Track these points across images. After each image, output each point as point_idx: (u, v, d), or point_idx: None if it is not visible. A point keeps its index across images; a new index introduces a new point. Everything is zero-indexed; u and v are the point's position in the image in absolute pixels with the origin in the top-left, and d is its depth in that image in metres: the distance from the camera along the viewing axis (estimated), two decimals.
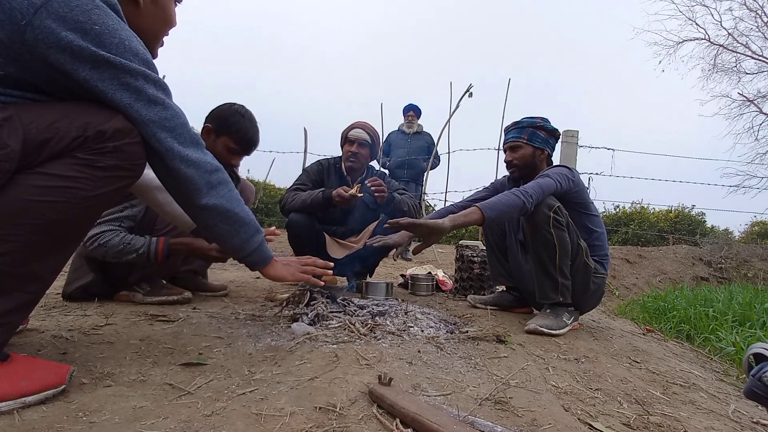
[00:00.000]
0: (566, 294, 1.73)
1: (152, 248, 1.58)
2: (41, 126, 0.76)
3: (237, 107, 1.82)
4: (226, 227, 1.06)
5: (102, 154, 0.80)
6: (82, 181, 0.79)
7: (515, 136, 2.00)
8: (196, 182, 0.96)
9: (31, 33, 0.73)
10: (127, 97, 0.83)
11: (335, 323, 1.46)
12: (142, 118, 0.85)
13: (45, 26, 0.73)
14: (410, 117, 5.11)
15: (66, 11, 0.74)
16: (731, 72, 11.87)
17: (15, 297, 0.79)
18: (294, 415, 0.81)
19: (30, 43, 0.73)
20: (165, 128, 0.89)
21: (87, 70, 0.78)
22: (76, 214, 0.81)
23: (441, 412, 0.83)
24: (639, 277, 5.09)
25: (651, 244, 9.53)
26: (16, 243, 0.76)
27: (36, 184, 0.76)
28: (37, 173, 0.77)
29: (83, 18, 0.76)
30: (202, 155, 0.97)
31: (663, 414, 1.03)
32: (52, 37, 0.74)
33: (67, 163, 0.78)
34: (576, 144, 3.76)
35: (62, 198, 0.78)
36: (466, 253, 2.47)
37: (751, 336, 2.16)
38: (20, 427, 0.72)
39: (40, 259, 0.80)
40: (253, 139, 1.84)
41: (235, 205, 1.05)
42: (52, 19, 0.74)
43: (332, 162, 2.53)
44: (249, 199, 2.16)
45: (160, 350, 1.16)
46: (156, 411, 0.81)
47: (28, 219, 0.76)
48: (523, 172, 1.99)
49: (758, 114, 11.64)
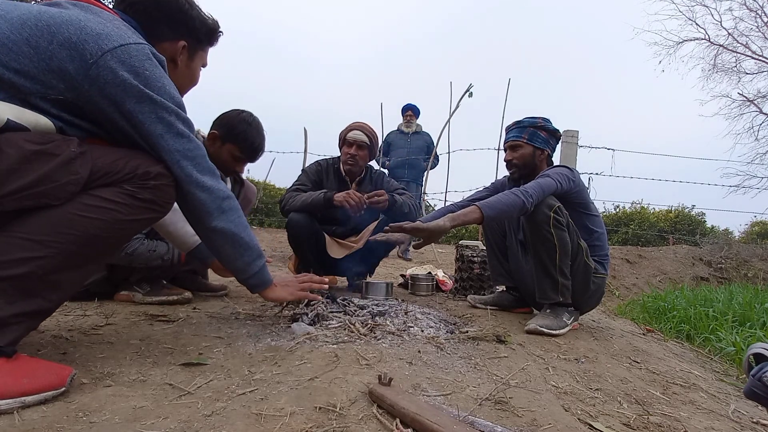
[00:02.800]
0: (566, 294, 1.73)
1: (176, 253, 1.68)
2: (106, 162, 0.93)
3: (245, 115, 1.80)
4: (231, 250, 1.17)
5: (143, 189, 0.96)
6: (122, 206, 0.94)
7: (516, 135, 1.99)
8: (208, 206, 1.09)
9: (95, 70, 0.89)
10: (161, 129, 0.99)
11: (335, 323, 1.46)
12: (170, 147, 1.00)
13: (108, 66, 0.90)
14: (409, 116, 5.11)
15: (126, 57, 0.92)
16: (731, 72, 11.86)
17: (36, 302, 0.86)
18: (294, 415, 0.81)
19: (92, 77, 0.90)
20: (187, 158, 1.03)
21: (132, 103, 0.94)
22: (110, 233, 0.94)
23: (441, 412, 0.83)
24: (639, 277, 5.09)
25: (651, 244, 9.53)
26: (55, 250, 0.86)
27: (85, 203, 0.90)
28: (88, 194, 0.91)
29: (138, 64, 0.94)
30: (216, 183, 1.10)
31: (663, 414, 1.03)
32: (111, 74, 0.91)
33: (114, 190, 0.94)
34: (576, 144, 3.76)
35: (103, 217, 0.92)
36: (466, 253, 2.47)
37: (751, 336, 2.16)
38: (20, 427, 0.72)
39: (68, 270, 0.90)
40: (258, 147, 1.83)
41: (241, 230, 1.16)
42: (115, 62, 0.91)
43: (331, 162, 2.52)
44: (251, 200, 2.16)
45: (160, 350, 1.16)
46: (156, 411, 0.81)
47: (70, 229, 0.88)
48: (523, 172, 1.98)
49: (758, 114, 11.64)
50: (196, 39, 1.21)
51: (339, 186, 2.42)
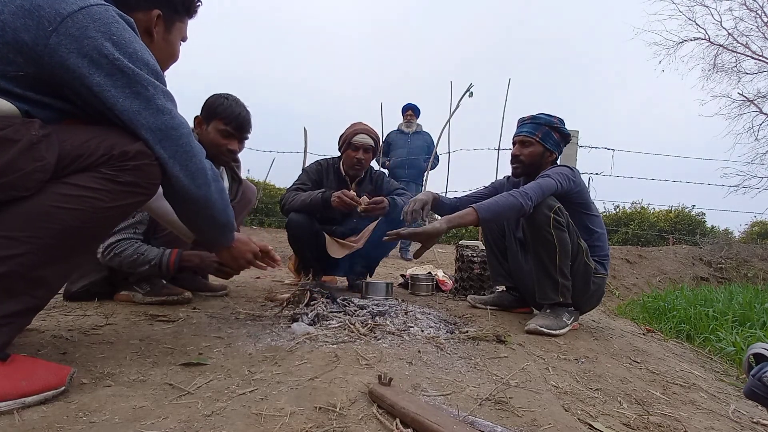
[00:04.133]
0: (566, 294, 1.73)
1: (164, 260, 1.63)
2: (75, 143, 0.83)
3: (221, 94, 1.80)
4: (213, 231, 1.15)
5: (123, 171, 0.87)
6: (101, 192, 0.85)
7: (529, 131, 1.91)
8: (192, 191, 1.00)
9: (56, 38, 0.79)
10: (137, 105, 0.88)
11: (335, 323, 1.46)
12: (150, 125, 0.90)
13: (69, 33, 0.80)
14: (409, 116, 5.11)
15: (89, 22, 0.82)
16: (731, 72, 11.84)
17: (23, 300, 0.81)
18: (294, 415, 0.81)
19: (53, 47, 0.79)
20: (170, 137, 0.93)
21: (101, 76, 0.83)
22: (92, 223, 0.86)
23: (441, 412, 0.83)
24: (639, 277, 5.09)
25: (651, 244, 9.53)
26: (33, 245, 0.79)
27: (60, 192, 0.82)
28: (62, 183, 0.83)
29: (104, 29, 0.83)
30: (202, 165, 1.01)
31: (663, 414, 1.03)
32: (74, 43, 0.80)
33: (91, 176, 0.84)
34: (576, 144, 3.77)
35: (82, 206, 0.83)
36: (466, 253, 2.47)
37: (751, 336, 2.16)
38: (20, 427, 0.72)
39: (51, 265, 0.83)
40: (240, 115, 1.78)
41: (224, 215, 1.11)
42: (76, 28, 0.80)
43: (331, 162, 2.52)
44: (251, 200, 2.15)
45: (160, 350, 1.16)
46: (156, 411, 0.81)
47: (48, 223, 0.80)
48: (527, 170, 1.93)
49: (758, 114, 11.62)
50: (172, 8, 1.09)
51: (339, 186, 2.41)
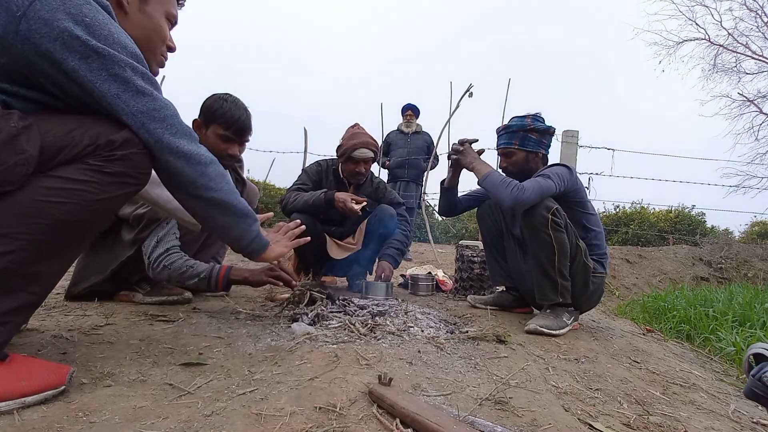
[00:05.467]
0: (566, 295, 1.73)
1: (213, 275, 1.61)
2: (58, 134, 0.80)
3: (220, 95, 1.74)
4: (225, 219, 1.07)
5: (110, 161, 0.84)
6: (90, 184, 0.83)
7: (506, 142, 1.94)
8: (188, 174, 0.96)
9: (26, 24, 0.76)
10: (116, 88, 0.84)
11: (335, 323, 1.46)
12: (131, 109, 0.86)
13: (39, 17, 0.77)
14: (409, 116, 5.10)
15: (59, 4, 0.78)
16: (731, 72, 11.84)
17: (19, 297, 0.80)
18: (294, 415, 0.81)
19: (23, 34, 0.77)
20: (154, 119, 0.89)
21: (76, 60, 0.80)
22: (82, 217, 0.84)
23: (441, 412, 0.83)
24: (639, 277, 5.09)
25: (651, 244, 9.53)
26: (24, 242, 0.78)
27: (47, 186, 0.80)
28: (49, 176, 0.80)
29: (75, 11, 0.80)
30: (195, 147, 0.97)
31: (663, 414, 1.03)
32: (45, 27, 0.77)
33: (77, 167, 0.82)
34: (576, 144, 3.76)
35: (71, 200, 0.81)
36: (466, 253, 2.47)
37: (751, 336, 2.16)
38: (20, 427, 0.72)
39: (45, 261, 0.82)
40: (240, 120, 1.72)
41: (232, 197, 1.06)
42: (46, 11, 0.77)
43: (330, 164, 2.52)
44: (253, 201, 2.15)
45: (160, 350, 1.16)
46: (156, 411, 0.81)
47: (37, 218, 0.79)
48: (520, 176, 1.91)
49: (758, 114, 11.62)
50: None
51: (337, 188, 2.42)
